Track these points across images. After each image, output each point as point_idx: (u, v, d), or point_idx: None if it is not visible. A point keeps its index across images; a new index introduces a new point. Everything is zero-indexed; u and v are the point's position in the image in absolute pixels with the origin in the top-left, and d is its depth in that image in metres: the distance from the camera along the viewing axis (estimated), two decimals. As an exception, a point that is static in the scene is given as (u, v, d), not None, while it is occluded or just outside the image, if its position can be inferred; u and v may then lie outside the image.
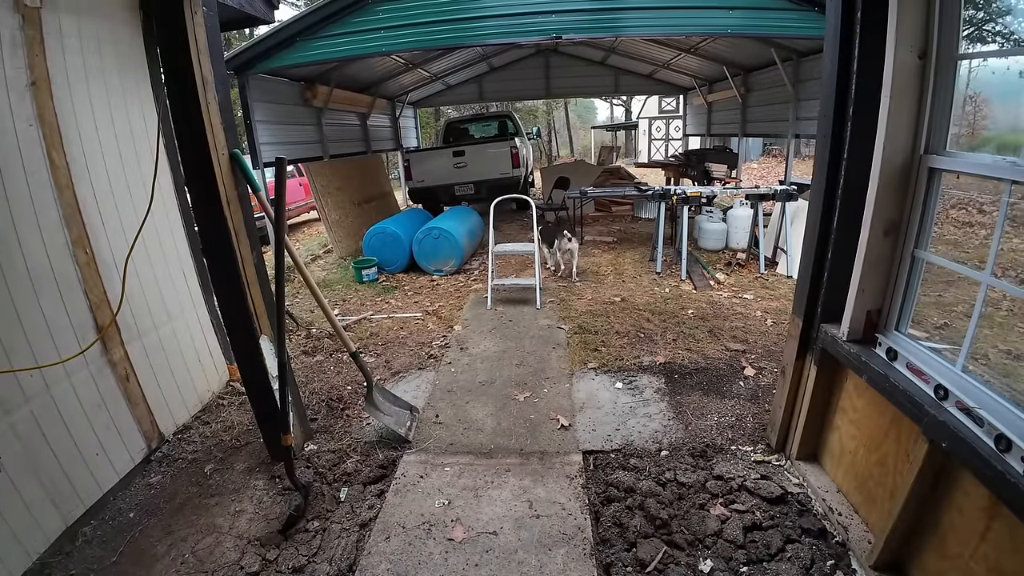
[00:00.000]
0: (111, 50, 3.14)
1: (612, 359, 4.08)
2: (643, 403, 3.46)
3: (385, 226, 7.12)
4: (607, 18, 5.70)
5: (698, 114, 13.67)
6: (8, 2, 2.48)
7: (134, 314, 3.18)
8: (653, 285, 5.91)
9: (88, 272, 2.89)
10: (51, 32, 2.72)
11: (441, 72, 12.00)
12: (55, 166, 2.73)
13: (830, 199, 2.37)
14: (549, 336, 4.63)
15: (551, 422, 3.29)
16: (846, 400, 2.45)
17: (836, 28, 2.22)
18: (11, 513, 2.32)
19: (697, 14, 5.64)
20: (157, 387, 3.34)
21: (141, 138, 3.34)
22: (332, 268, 7.70)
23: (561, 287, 6.01)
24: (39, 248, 2.62)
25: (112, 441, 2.94)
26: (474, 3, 5.76)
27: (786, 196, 6.19)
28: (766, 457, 2.84)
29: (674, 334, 4.48)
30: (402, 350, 4.55)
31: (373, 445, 3.18)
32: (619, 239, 8.36)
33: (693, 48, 9.45)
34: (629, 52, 11.42)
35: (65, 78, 2.82)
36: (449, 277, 6.81)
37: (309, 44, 6.04)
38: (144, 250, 3.19)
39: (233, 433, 3.42)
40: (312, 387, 3.96)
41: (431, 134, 20.83)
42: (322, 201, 8.22)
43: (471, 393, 3.72)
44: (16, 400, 2.42)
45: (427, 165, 9.71)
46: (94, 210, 2.96)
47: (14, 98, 2.51)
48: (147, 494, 2.91)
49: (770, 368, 3.81)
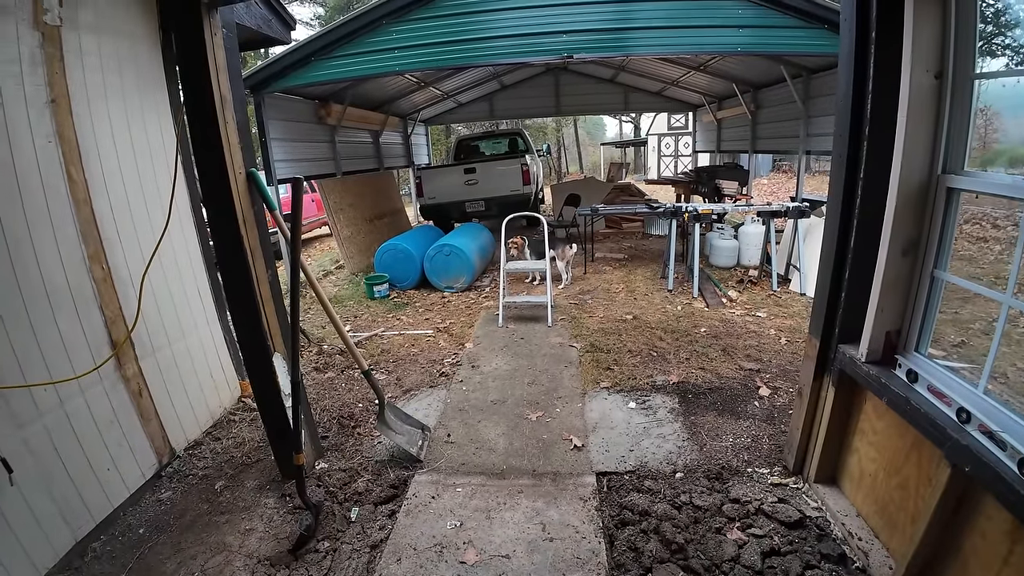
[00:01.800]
0: (130, 68, 3.20)
1: (625, 378, 4.04)
2: (657, 423, 3.42)
3: (397, 243, 7.17)
4: (617, 38, 5.75)
5: (708, 131, 13.71)
6: (28, 19, 2.53)
7: (148, 330, 3.21)
8: (665, 303, 5.88)
9: (104, 287, 2.92)
10: (71, 50, 2.78)
11: (453, 90, 12.15)
12: (73, 182, 2.77)
13: (846, 218, 2.35)
14: (561, 354, 4.61)
15: (564, 442, 3.26)
16: (865, 422, 2.41)
17: (851, 48, 2.22)
18: (21, 527, 2.31)
19: (707, 33, 5.68)
20: (169, 403, 3.35)
21: (158, 155, 3.39)
22: (344, 284, 7.73)
23: (572, 305, 5.99)
24: (56, 263, 2.65)
25: (124, 456, 2.95)
26: (486, 23, 5.83)
27: (798, 213, 6.15)
28: (783, 480, 2.79)
29: (687, 353, 4.45)
30: (413, 368, 4.54)
31: (384, 464, 3.16)
32: (630, 256, 8.35)
33: (702, 66, 9.50)
34: (639, 70, 11.51)
35: (85, 96, 2.87)
36: (460, 294, 6.82)
37: (324, 63, 6.14)
38: (160, 266, 3.21)
39: (244, 450, 3.41)
40: (323, 404, 3.95)
41: (442, 151, 21.03)
42: (335, 217, 8.29)
43: (483, 412, 3.70)
44: (30, 414, 2.43)
45: (438, 182, 9.78)
46: (111, 225, 3.00)
47: (33, 115, 2.56)
48: (157, 510, 2.90)
49: (785, 388, 3.75)
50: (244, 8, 3.78)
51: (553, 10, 5.70)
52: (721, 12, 5.56)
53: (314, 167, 8.43)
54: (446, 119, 15.52)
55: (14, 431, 2.34)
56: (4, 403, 2.32)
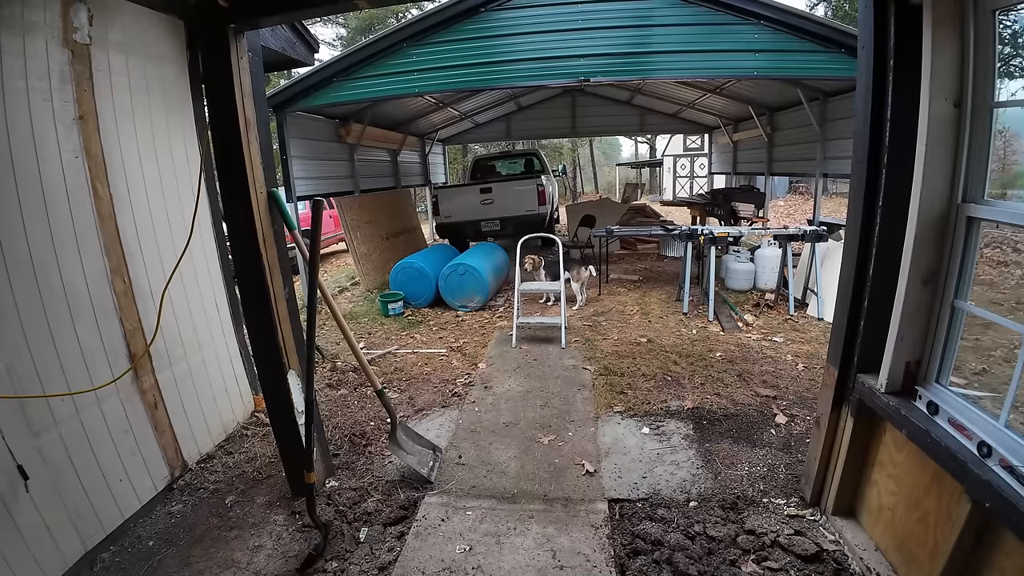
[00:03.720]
0: (157, 88, 3.29)
1: (639, 403, 4.00)
2: (671, 450, 3.37)
3: (412, 261, 7.22)
4: (634, 61, 5.81)
5: (723, 152, 13.72)
6: (58, 37, 2.61)
7: (166, 342, 3.25)
8: (680, 326, 5.83)
9: (125, 300, 2.97)
10: (100, 69, 2.87)
11: (470, 111, 12.31)
12: (99, 197, 2.84)
13: (865, 246, 2.33)
14: (574, 377, 4.58)
15: (576, 467, 3.22)
16: (885, 454, 2.36)
17: (868, 76, 2.22)
18: (32, 535, 2.33)
19: (724, 57, 5.72)
20: (184, 415, 3.38)
21: (182, 172, 3.46)
22: (359, 301, 7.79)
23: (586, 326, 5.97)
24: (78, 275, 2.70)
25: (137, 468, 2.97)
26: (504, 47, 5.94)
27: (816, 237, 6.10)
28: (800, 511, 2.72)
29: (702, 378, 4.39)
30: (426, 387, 4.54)
31: (395, 484, 3.14)
32: (645, 278, 8.32)
33: (718, 89, 9.54)
34: (655, 93, 11.58)
35: (112, 113, 2.95)
36: (474, 313, 6.83)
37: (345, 84, 6.29)
38: (179, 280, 3.24)
39: (256, 465, 3.42)
40: (335, 421, 3.96)
41: (459, 170, 21.24)
42: (352, 235, 8.39)
43: (495, 434, 3.68)
44: (46, 423, 2.46)
45: (454, 201, 9.86)
46: (134, 240, 3.06)
47: (61, 131, 2.63)
48: (167, 523, 2.91)
49: (803, 416, 3.69)
50: (270, 32, 3.90)
51: (570, 34, 5.79)
52: (738, 37, 5.60)
53: (333, 185, 8.56)
54: (463, 139, 15.71)
55: (30, 439, 2.38)
56: (21, 412, 2.35)
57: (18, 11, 2.41)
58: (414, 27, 6.01)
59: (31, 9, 2.47)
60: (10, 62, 2.37)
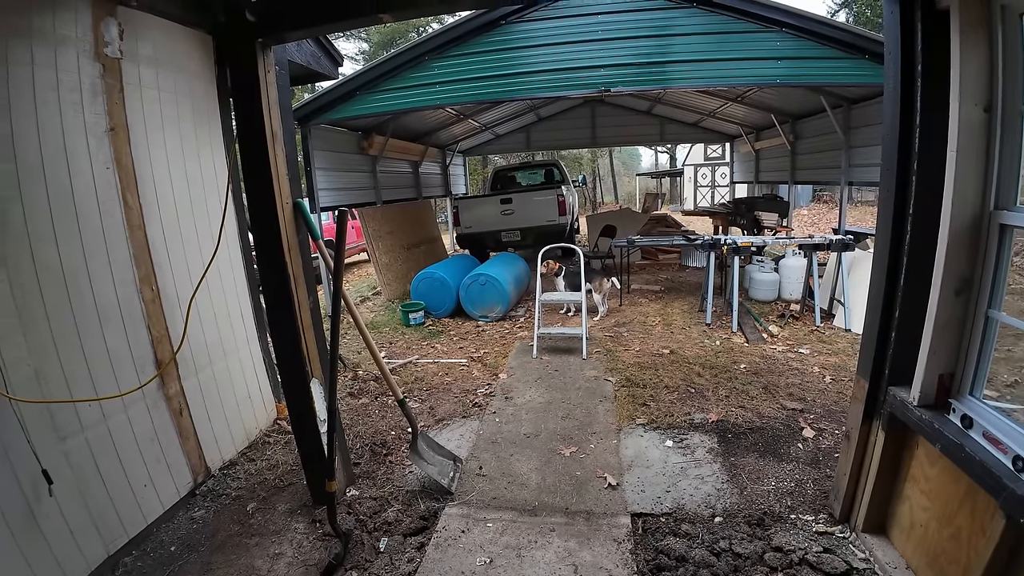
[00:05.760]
0: (187, 101, 3.37)
1: (661, 415, 3.94)
2: (695, 464, 3.31)
3: (433, 271, 7.26)
4: (654, 71, 5.78)
5: (745, 161, 13.57)
6: (89, 51, 2.69)
7: (192, 350, 3.29)
8: (703, 337, 5.75)
9: (152, 308, 3.03)
10: (131, 82, 2.94)
11: (490, 122, 12.39)
12: (128, 207, 2.91)
13: (896, 256, 2.28)
14: (596, 388, 4.53)
15: (598, 480, 3.18)
16: (917, 469, 2.28)
17: (896, 82, 2.18)
18: (55, 538, 2.36)
19: (745, 65, 5.67)
20: (208, 422, 3.42)
21: (209, 183, 3.53)
22: (380, 310, 7.84)
23: (608, 337, 5.92)
24: (108, 283, 2.76)
25: (160, 473, 3.01)
26: (524, 59, 5.98)
27: (842, 246, 5.98)
28: (829, 528, 2.64)
29: (726, 390, 4.32)
30: (447, 397, 4.54)
31: (415, 494, 3.14)
32: (667, 288, 8.23)
33: (740, 97, 9.46)
34: (675, 102, 11.53)
35: (143, 125, 3.03)
36: (495, 323, 6.82)
37: (368, 97, 6.38)
38: (206, 288, 3.29)
39: (277, 472, 3.44)
40: (356, 430, 3.97)
41: (479, 181, 21.36)
42: (373, 245, 8.47)
43: (516, 445, 3.65)
44: (72, 428, 2.51)
45: (475, 212, 9.90)
46: (162, 249, 3.13)
47: (93, 143, 2.70)
48: (189, 528, 2.94)
49: (831, 430, 3.59)
50: (295, 46, 3.96)
51: (590, 45, 5.80)
52: (759, 44, 5.55)
53: (355, 196, 8.67)
54: (484, 150, 15.81)
55: (56, 444, 2.42)
56: (49, 416, 2.40)
57: (49, 24, 2.48)
58: (435, 40, 6.08)
59: (62, 23, 2.54)
60: (42, 74, 2.44)
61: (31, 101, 2.40)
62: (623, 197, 35.04)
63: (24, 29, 2.37)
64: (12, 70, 2.32)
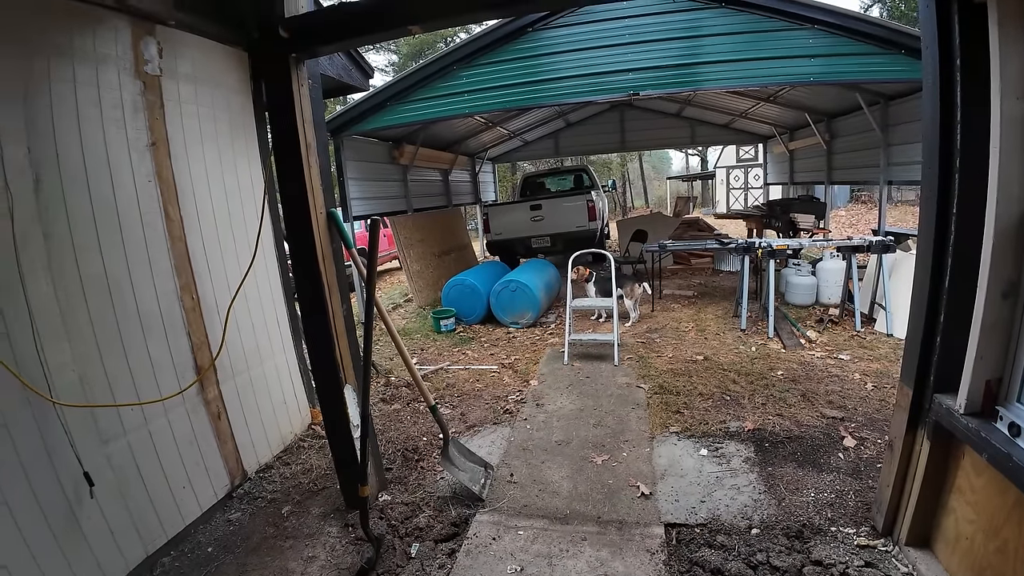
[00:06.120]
0: (224, 116, 3.48)
1: (696, 423, 3.86)
2: (731, 473, 3.23)
3: (464, 278, 7.30)
4: (683, 73, 5.71)
5: (779, 162, 13.26)
6: (130, 69, 2.80)
7: (230, 356, 3.39)
8: (738, 343, 5.63)
9: (193, 316, 3.14)
10: (171, 98, 3.06)
11: (519, 129, 12.44)
12: (170, 219, 3.02)
13: (939, 258, 2.19)
14: (628, 395, 4.48)
15: (630, 489, 3.13)
16: (963, 479, 2.18)
17: (935, 78, 2.10)
18: (96, 538, 2.45)
19: (776, 64, 5.54)
20: (245, 426, 3.51)
21: (246, 194, 3.64)
22: (412, 317, 7.93)
23: (640, 343, 5.85)
24: (150, 293, 2.87)
25: (199, 476, 3.09)
26: (551, 65, 5.98)
27: (882, 248, 5.78)
28: (871, 541, 2.54)
29: (763, 397, 4.21)
30: (478, 403, 4.55)
31: (446, 500, 3.15)
32: (699, 293, 8.10)
33: (772, 97, 9.26)
34: (705, 103, 11.37)
35: (182, 140, 3.14)
36: (525, 330, 6.82)
37: (399, 108, 6.47)
38: (243, 296, 3.39)
39: (312, 476, 3.50)
40: (389, 435, 4.01)
41: (508, 188, 21.45)
42: (405, 253, 8.58)
43: (547, 452, 3.63)
44: (115, 431, 2.60)
45: (505, 218, 9.94)
46: (201, 259, 3.23)
47: (135, 157, 2.81)
48: (226, 530, 3.01)
49: (873, 439, 3.46)
50: (327, 60, 4.07)
51: (618, 49, 5.77)
52: (790, 43, 5.43)
53: (387, 204, 8.80)
54: (512, 157, 15.86)
55: (99, 447, 2.52)
56: (93, 420, 2.49)
57: (90, 43, 2.60)
58: (463, 50, 6.14)
59: (103, 42, 2.66)
60: (84, 92, 2.56)
61: (74, 117, 2.52)
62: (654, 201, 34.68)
63: (65, 48, 2.49)
64: (55, 87, 2.43)
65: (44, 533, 2.24)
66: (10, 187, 2.21)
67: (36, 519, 2.22)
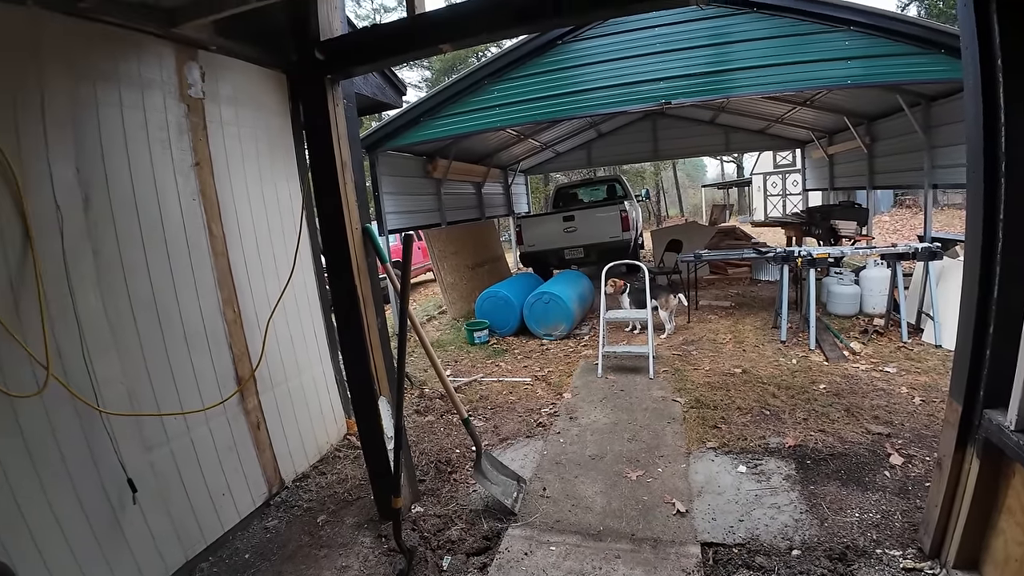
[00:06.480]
0: (264, 136, 3.62)
1: (734, 438, 3.76)
2: (770, 491, 3.12)
3: (497, 290, 7.33)
4: (716, 80, 5.65)
5: (818, 167, 12.90)
6: (175, 93, 2.96)
7: (269, 367, 3.49)
8: (778, 355, 5.47)
9: (234, 328, 3.25)
10: (213, 120, 3.20)
11: (551, 141, 12.48)
12: (213, 236, 3.15)
13: (988, 267, 2.09)
14: (663, 409, 4.40)
15: (666, 506, 3.07)
16: (1014, 499, 2.06)
17: (975, 78, 2.03)
18: (137, 543, 2.54)
19: (811, 68, 5.42)
20: (283, 435, 3.60)
21: (285, 210, 3.76)
22: (446, 329, 7.99)
23: (676, 356, 5.74)
24: (194, 306, 2.99)
25: (238, 483, 3.19)
26: (582, 77, 6.00)
27: (929, 255, 5.54)
28: (918, 564, 2.42)
29: (804, 412, 4.07)
30: (511, 416, 4.54)
31: (478, 514, 3.14)
32: (737, 304, 7.92)
33: (808, 101, 9.05)
34: (740, 110, 11.18)
35: (224, 159, 3.28)
36: (559, 342, 6.79)
37: (431, 123, 6.60)
38: (282, 309, 3.51)
39: (346, 486, 3.55)
40: (422, 447, 4.04)
41: (541, 199, 21.50)
42: (439, 265, 8.68)
43: (580, 467, 3.59)
44: (159, 439, 2.71)
45: (538, 230, 9.95)
46: (243, 273, 3.35)
47: (180, 177, 2.96)
48: (263, 537, 3.08)
49: (921, 456, 3.31)
50: (362, 79, 4.17)
51: (648, 58, 5.76)
52: (826, 45, 5.31)
53: (421, 218, 8.94)
54: (544, 168, 15.91)
55: (143, 454, 2.62)
56: (137, 429, 2.61)
57: (135, 69, 2.75)
58: (494, 64, 6.23)
59: (147, 67, 2.81)
60: (130, 115, 2.71)
61: (122, 139, 2.66)
62: (689, 210, 34.23)
63: (111, 74, 2.64)
64: (102, 110, 2.58)
65: (87, 538, 2.34)
66: (60, 205, 2.35)
67: (80, 524, 2.32)
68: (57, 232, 2.33)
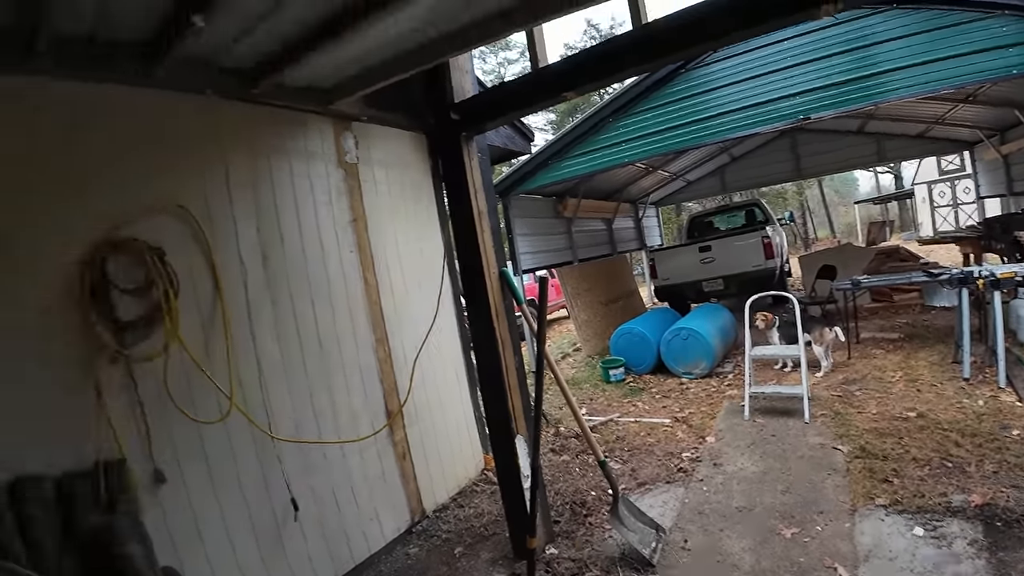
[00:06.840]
0: (409, 191, 4.05)
1: (908, 495, 3.27)
2: (953, 559, 2.66)
3: (632, 326, 7.21)
4: (858, 87, 5.20)
5: (992, 170, 10.95)
6: (334, 161, 3.45)
7: (415, 402, 3.79)
8: (960, 396, 4.69)
9: (385, 367, 3.61)
10: (366, 180, 3.68)
11: (680, 170, 12.18)
12: (368, 284, 3.57)
13: None
14: (822, 458, 3.96)
15: (826, 571, 2.73)
16: None
17: None
18: (295, 559, 2.86)
19: (966, 61, 4.77)
20: (426, 467, 3.85)
21: (428, 257, 4.13)
22: (580, 366, 7.99)
23: (835, 397, 5.17)
24: (352, 347, 3.39)
25: (385, 510, 3.47)
26: (709, 102, 5.87)
27: None
28: None
29: (994, 464, 3.43)
30: (649, 459, 4.39)
31: (614, 561, 3.05)
32: (907, 335, 6.97)
33: (970, 96, 7.85)
34: (890, 115, 9.94)
35: (376, 214, 3.71)
36: (699, 381, 6.45)
37: (559, 165, 6.83)
38: (426, 349, 3.82)
39: (483, 521, 3.67)
40: (557, 487, 4.04)
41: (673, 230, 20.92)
42: (572, 302, 8.77)
43: (725, 519, 3.35)
44: (319, 465, 3.07)
45: (672, 262, 9.66)
46: (392, 315, 3.73)
47: (340, 232, 3.42)
48: (404, 563, 3.28)
49: None
50: (493, 132, 4.48)
51: (780, 74, 5.51)
52: (979, 35, 4.69)
53: (553, 257, 9.12)
54: (676, 198, 15.47)
55: (305, 477, 2.98)
56: (302, 455, 2.97)
57: (301, 144, 3.27)
58: (617, 102, 6.31)
59: (311, 141, 3.33)
60: (299, 182, 3.23)
61: (292, 203, 3.17)
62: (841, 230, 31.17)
63: (281, 148, 3.16)
64: (275, 178, 3.09)
65: (254, 554, 2.69)
66: (244, 262, 2.83)
67: (249, 541, 2.68)
68: (241, 285, 2.79)
